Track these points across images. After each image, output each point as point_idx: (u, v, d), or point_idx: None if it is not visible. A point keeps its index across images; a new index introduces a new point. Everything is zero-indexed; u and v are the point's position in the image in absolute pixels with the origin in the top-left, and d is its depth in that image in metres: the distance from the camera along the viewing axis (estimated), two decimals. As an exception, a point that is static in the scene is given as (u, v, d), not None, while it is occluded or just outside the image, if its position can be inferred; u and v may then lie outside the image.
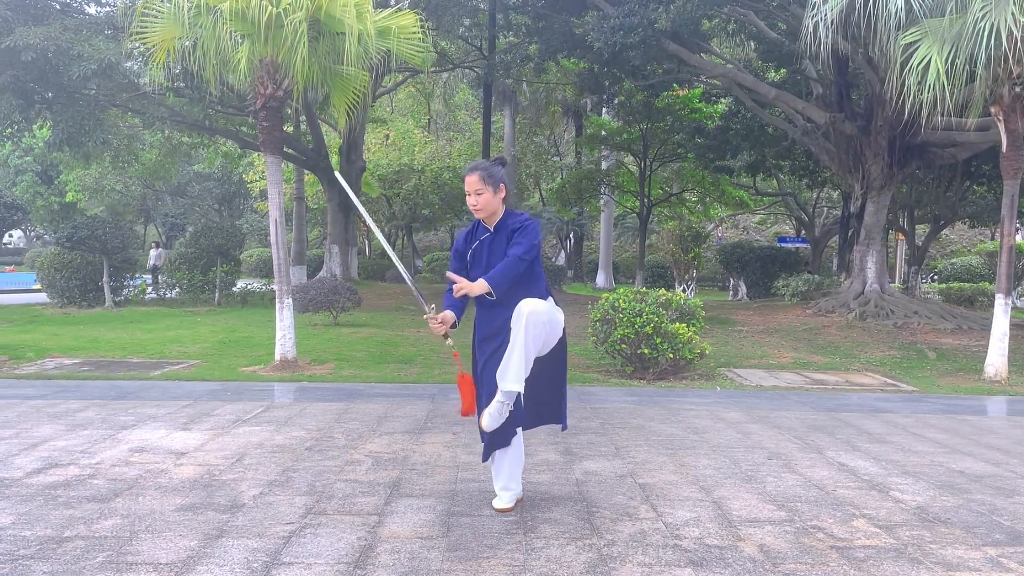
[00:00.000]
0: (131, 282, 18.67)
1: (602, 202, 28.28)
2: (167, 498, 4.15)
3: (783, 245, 26.25)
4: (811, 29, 9.76)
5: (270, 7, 8.31)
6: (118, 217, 28.99)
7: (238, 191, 40.03)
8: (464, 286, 3.83)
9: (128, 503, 4.06)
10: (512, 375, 3.73)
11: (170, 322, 14.22)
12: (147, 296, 19.36)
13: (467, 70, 25.71)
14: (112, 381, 8.21)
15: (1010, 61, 8.82)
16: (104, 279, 17.15)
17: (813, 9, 9.74)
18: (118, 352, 10.40)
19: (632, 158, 25.00)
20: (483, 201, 3.92)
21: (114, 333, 12.40)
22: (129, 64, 16.15)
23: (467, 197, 3.96)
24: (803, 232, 28.50)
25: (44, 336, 11.87)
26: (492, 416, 3.78)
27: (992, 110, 9.65)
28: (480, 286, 3.78)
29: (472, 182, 3.91)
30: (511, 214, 4.02)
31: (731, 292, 25.47)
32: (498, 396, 3.76)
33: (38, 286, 19.48)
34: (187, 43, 9.01)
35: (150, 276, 22.74)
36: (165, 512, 3.92)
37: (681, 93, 21.07)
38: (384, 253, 38.12)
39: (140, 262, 22.33)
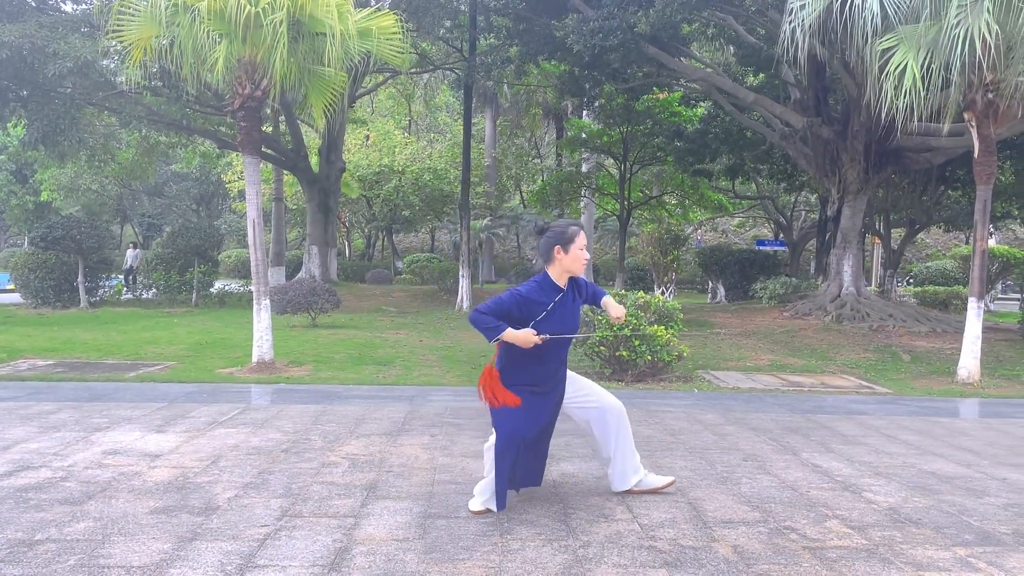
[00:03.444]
0: (107, 282, 18.49)
1: (582, 204, 28.34)
2: (140, 501, 4.12)
3: (761, 248, 26.43)
4: (789, 34, 9.85)
5: (248, 6, 8.26)
6: (94, 217, 28.62)
7: (216, 191, 39.74)
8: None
9: (101, 506, 4.02)
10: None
11: (146, 323, 14.09)
12: (123, 297, 19.18)
13: (448, 72, 25.68)
14: (86, 383, 8.12)
15: (983, 68, 8.95)
16: (79, 279, 16.97)
17: (791, 15, 9.83)
18: (93, 353, 10.29)
19: (612, 161, 25.07)
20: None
21: (89, 334, 12.27)
22: (106, 62, 16.00)
23: (581, 252, 4.01)
24: (781, 235, 28.72)
25: (17, 337, 11.72)
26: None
27: (966, 116, 9.78)
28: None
29: (584, 240, 4.05)
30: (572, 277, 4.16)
31: (710, 295, 25.61)
32: None
33: (11, 286, 19.25)
34: (164, 42, 8.94)
35: (123, 277, 22.53)
36: (138, 515, 3.89)
37: (661, 97, 21.15)
38: (364, 254, 37.99)
39: (116, 262, 22.11)
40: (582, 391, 4.25)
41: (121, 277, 22.04)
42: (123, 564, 3.27)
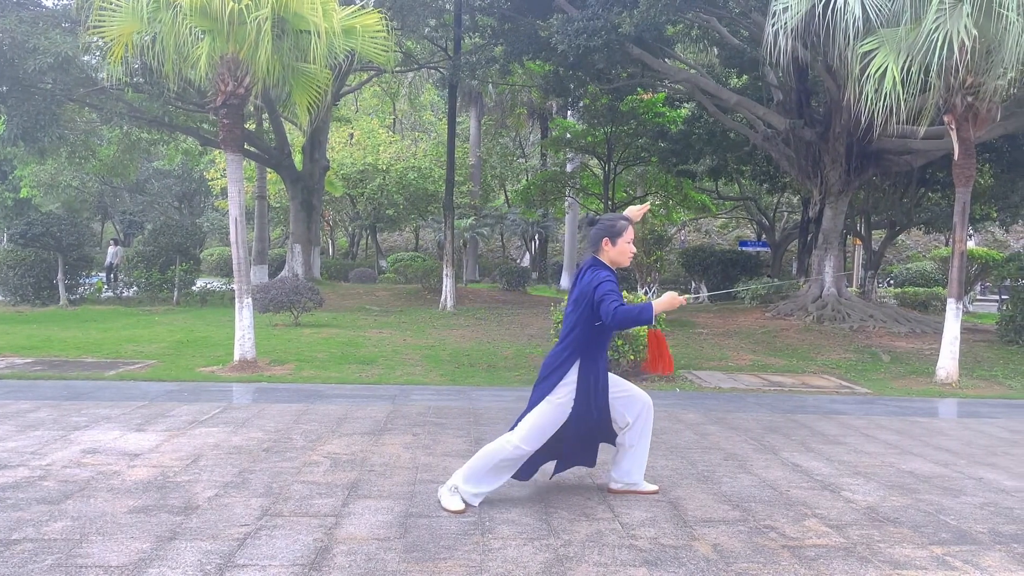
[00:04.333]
0: (87, 280, 18.31)
1: (567, 204, 28.40)
2: (119, 500, 4.09)
3: (744, 249, 26.60)
4: (772, 37, 9.90)
5: (232, 3, 8.21)
6: (74, 214, 28.32)
7: (199, 189, 39.45)
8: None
9: (79, 505, 3.99)
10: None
11: (127, 321, 13.97)
12: (103, 295, 19.00)
13: (433, 70, 25.64)
14: (65, 381, 8.05)
15: (962, 71, 9.04)
16: (59, 277, 16.80)
17: (774, 17, 9.88)
18: (72, 352, 10.20)
19: (596, 161, 25.14)
20: None
21: (68, 332, 12.16)
22: (87, 58, 15.87)
23: (628, 245, 4.22)
24: (764, 236, 28.90)
25: (-5, 335, 11.60)
26: None
27: (945, 119, 9.88)
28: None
29: (632, 234, 4.24)
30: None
31: (692, 294, 25.73)
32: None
33: (-10, 283, 18.98)
34: (146, 38, 8.86)
35: (104, 274, 22.32)
36: (117, 514, 3.86)
37: (645, 97, 21.22)
38: (348, 253, 37.86)
39: (97, 260, 21.91)
40: (616, 385, 4.36)
41: (102, 275, 21.83)
42: (101, 564, 3.25)
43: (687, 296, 4.03)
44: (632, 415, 4.32)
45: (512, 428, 4.20)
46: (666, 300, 3.98)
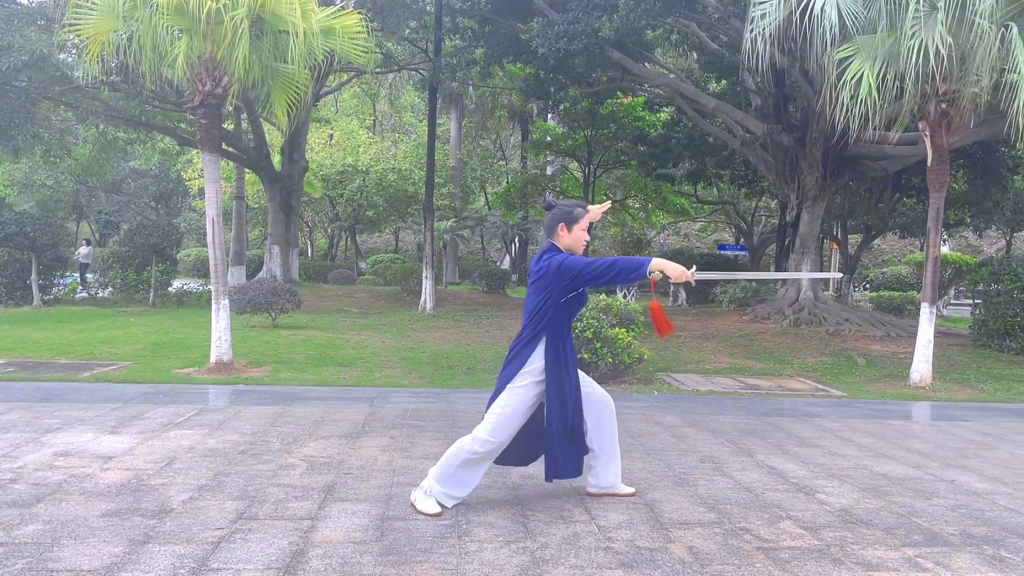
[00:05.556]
0: (61, 280, 18.09)
1: (546, 207, 28.46)
2: (92, 503, 4.04)
3: (723, 252, 26.76)
4: (750, 42, 9.98)
5: (209, 2, 8.15)
6: (49, 213, 28.05)
7: (176, 189, 39.06)
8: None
9: (50, 509, 3.94)
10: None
11: (101, 322, 13.82)
12: (78, 295, 18.79)
13: (413, 72, 25.59)
14: (38, 383, 7.95)
15: (936, 79, 9.16)
16: (32, 277, 16.59)
17: (752, 23, 9.96)
18: (45, 353, 10.07)
19: (577, 164, 25.22)
20: None
21: (41, 333, 12.01)
22: (62, 56, 15.69)
23: (583, 233, 4.20)
24: (742, 240, 29.11)
25: (-34, 335, 11.43)
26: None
27: (920, 125, 10.01)
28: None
29: (587, 222, 4.23)
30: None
31: (671, 298, 25.84)
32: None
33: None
34: (123, 36, 8.78)
35: (79, 275, 22.07)
36: (89, 518, 3.82)
37: (625, 101, 21.34)
38: (327, 254, 37.69)
39: (72, 260, 21.66)
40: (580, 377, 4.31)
41: (76, 275, 21.57)
42: (72, 568, 3.21)
43: (694, 274, 3.92)
44: (591, 417, 4.29)
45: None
46: (672, 264, 3.88)
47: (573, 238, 4.16)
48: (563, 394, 4.08)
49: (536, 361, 4.06)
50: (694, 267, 4.05)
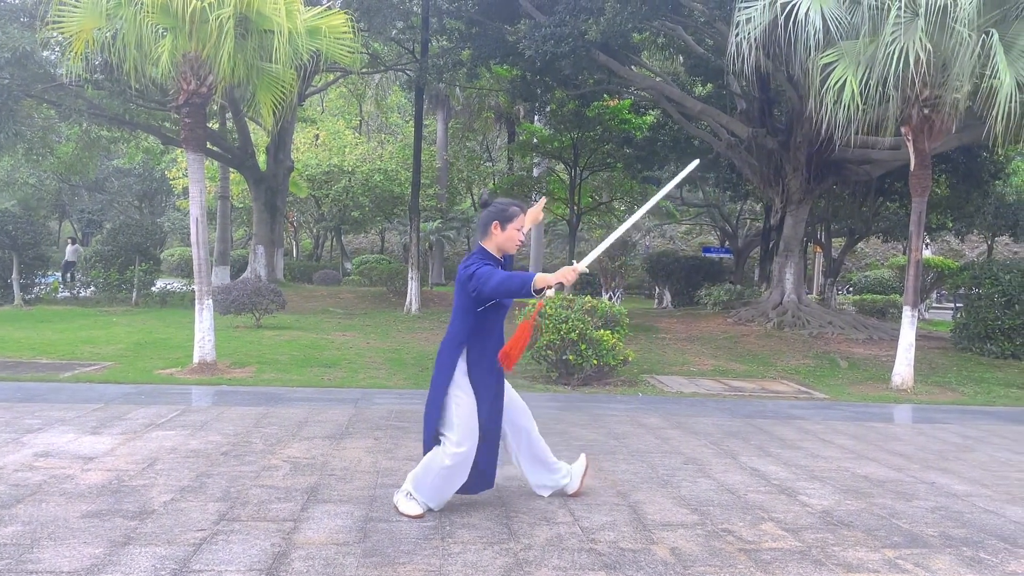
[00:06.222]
0: (43, 280, 17.92)
1: (533, 209, 28.45)
2: (72, 504, 4.01)
3: (708, 255, 26.86)
4: (736, 47, 10.05)
5: (195, 0, 8.12)
6: (30, 212, 27.71)
7: (160, 188, 38.84)
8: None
9: (30, 510, 3.91)
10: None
11: (83, 322, 13.70)
12: (60, 295, 18.62)
13: (399, 72, 25.55)
14: (18, 383, 7.87)
15: (918, 84, 9.25)
16: (13, 276, 16.43)
17: (737, 27, 10.02)
18: (26, 352, 9.97)
19: (563, 166, 25.25)
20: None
21: (22, 332, 11.89)
22: (46, 54, 15.56)
23: (517, 232, 4.09)
24: (727, 243, 29.24)
25: (-54, 335, 11.31)
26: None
27: (902, 130, 10.10)
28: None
29: (522, 222, 4.10)
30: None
31: (656, 300, 25.93)
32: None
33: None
34: (107, 34, 8.73)
35: (60, 274, 21.88)
36: (69, 519, 3.79)
37: (611, 104, 21.38)
38: (312, 255, 37.55)
39: (54, 259, 21.47)
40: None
41: (58, 274, 21.38)
42: (52, 569, 3.18)
43: (580, 265, 3.76)
44: (510, 426, 4.27)
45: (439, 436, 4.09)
46: (561, 272, 3.69)
47: (506, 237, 4.07)
48: (487, 394, 4.08)
49: (460, 368, 4.05)
50: (573, 261, 4.02)
